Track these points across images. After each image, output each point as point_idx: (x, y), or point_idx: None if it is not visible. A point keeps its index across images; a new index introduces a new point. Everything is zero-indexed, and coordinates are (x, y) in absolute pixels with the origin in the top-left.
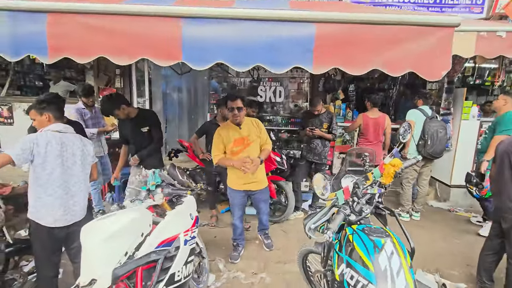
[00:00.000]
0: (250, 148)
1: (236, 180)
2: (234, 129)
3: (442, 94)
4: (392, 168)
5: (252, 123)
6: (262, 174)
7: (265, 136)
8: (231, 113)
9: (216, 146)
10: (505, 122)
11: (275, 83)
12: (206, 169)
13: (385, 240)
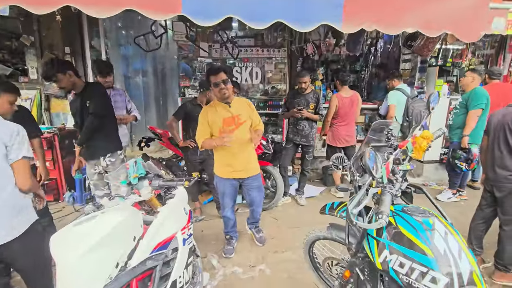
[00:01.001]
0: (242, 128)
1: (224, 167)
2: (223, 107)
3: (415, 73)
4: (424, 141)
5: (243, 102)
6: (254, 159)
7: (257, 118)
8: (216, 89)
9: (201, 129)
10: (477, 97)
11: (251, 63)
12: (188, 158)
13: (433, 220)
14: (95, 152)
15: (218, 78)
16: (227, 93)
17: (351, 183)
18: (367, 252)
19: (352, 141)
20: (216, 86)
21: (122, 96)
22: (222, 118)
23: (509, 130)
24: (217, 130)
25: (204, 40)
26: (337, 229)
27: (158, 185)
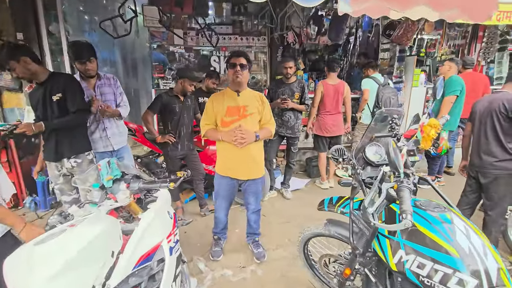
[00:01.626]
0: (246, 120)
1: (223, 163)
2: (230, 96)
3: (394, 63)
4: (433, 129)
5: (255, 95)
6: (259, 159)
7: (269, 115)
8: (231, 70)
9: (207, 115)
10: (452, 84)
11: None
12: (168, 154)
13: (450, 215)
14: (58, 152)
15: (237, 60)
16: (240, 77)
17: (351, 176)
18: (377, 252)
19: (339, 131)
20: (232, 67)
21: (111, 86)
22: (226, 106)
23: (497, 117)
24: (220, 120)
25: (179, 26)
26: (336, 226)
27: (138, 188)
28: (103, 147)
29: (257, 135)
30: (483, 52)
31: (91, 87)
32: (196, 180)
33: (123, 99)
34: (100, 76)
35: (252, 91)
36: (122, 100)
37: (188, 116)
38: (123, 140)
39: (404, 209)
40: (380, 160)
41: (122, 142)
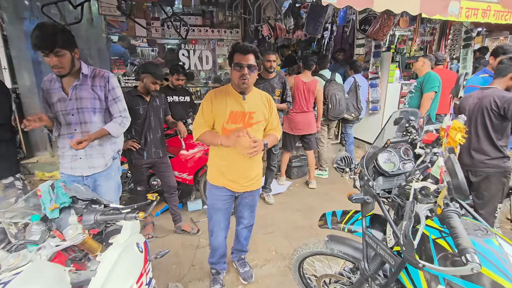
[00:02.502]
0: (252, 130)
1: (218, 172)
2: (234, 97)
3: (369, 58)
4: (459, 133)
5: (262, 98)
6: (259, 170)
7: (276, 120)
8: (237, 72)
9: (202, 116)
10: (431, 80)
11: (200, 46)
12: (132, 163)
13: (496, 239)
14: None
15: (244, 60)
16: (247, 83)
17: (360, 188)
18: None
19: (310, 129)
20: (238, 68)
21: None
22: (229, 110)
23: (488, 114)
24: (220, 126)
25: (141, 15)
26: (340, 243)
27: (95, 221)
28: (71, 168)
29: (265, 143)
30: (449, 49)
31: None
32: (166, 193)
33: (119, 108)
34: (80, 74)
35: (258, 91)
36: (118, 110)
37: (156, 118)
38: (102, 164)
39: (463, 245)
40: (395, 170)
41: (100, 166)
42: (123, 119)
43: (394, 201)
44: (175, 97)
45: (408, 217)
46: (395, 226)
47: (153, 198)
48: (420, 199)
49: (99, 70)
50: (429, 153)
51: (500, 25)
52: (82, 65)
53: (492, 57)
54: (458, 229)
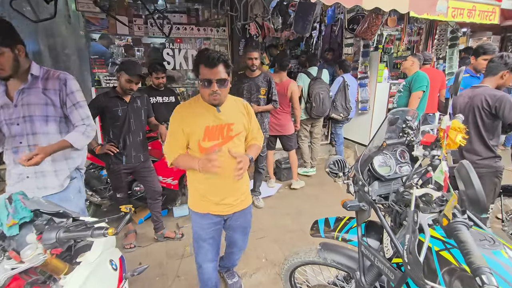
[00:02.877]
0: (232, 144)
1: (201, 198)
2: (207, 110)
3: (358, 58)
4: (459, 134)
5: (238, 106)
6: (246, 186)
7: (256, 126)
8: (206, 89)
9: (173, 138)
10: (419, 80)
11: (186, 45)
12: (110, 168)
13: (505, 250)
14: None
15: (212, 74)
16: (218, 99)
17: (354, 193)
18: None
19: (284, 131)
20: (206, 85)
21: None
22: (204, 126)
23: (479, 113)
24: (195, 145)
25: (122, 13)
26: (333, 252)
27: (57, 240)
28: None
29: (250, 158)
30: (435, 49)
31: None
32: (150, 200)
33: (80, 115)
34: (28, 76)
35: (232, 98)
36: (80, 118)
37: (136, 121)
38: (56, 184)
39: (477, 264)
40: (391, 174)
41: (53, 186)
42: (86, 127)
43: (391, 207)
44: (158, 97)
45: (412, 230)
46: (394, 236)
47: (126, 210)
48: (422, 208)
49: (54, 72)
50: (427, 155)
51: (484, 25)
52: (32, 65)
53: (473, 56)
54: (468, 244)
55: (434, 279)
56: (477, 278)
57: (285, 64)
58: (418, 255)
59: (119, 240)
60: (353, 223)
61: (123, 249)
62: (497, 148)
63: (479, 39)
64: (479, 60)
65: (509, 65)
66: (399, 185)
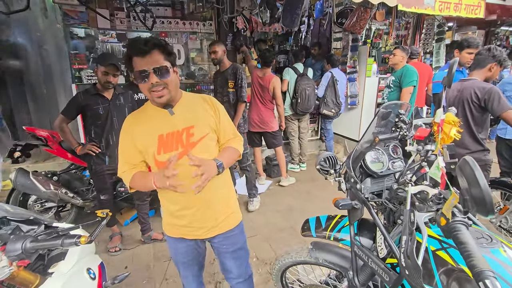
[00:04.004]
0: (195, 152)
1: (171, 220)
2: (158, 115)
3: (347, 52)
4: (454, 127)
5: (199, 102)
6: (227, 202)
7: (230, 125)
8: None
9: (124, 156)
10: (409, 75)
11: (171, 39)
12: (92, 169)
13: (503, 248)
14: None
15: (146, 63)
16: (164, 93)
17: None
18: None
19: (268, 128)
20: (141, 80)
21: None
22: (156, 136)
23: (469, 106)
24: (151, 160)
25: (103, 6)
26: (325, 251)
27: (23, 251)
28: None
29: (219, 163)
30: (422, 43)
31: None
32: (137, 201)
33: None
34: None
35: (192, 94)
36: None
37: (120, 119)
38: None
39: (479, 268)
40: (384, 170)
41: None
42: None
43: (384, 205)
44: (141, 94)
45: (409, 231)
46: (388, 235)
47: (102, 215)
48: (418, 207)
49: None
50: (421, 150)
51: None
52: None
53: (457, 50)
54: (469, 245)
55: (430, 280)
56: (480, 283)
57: (268, 61)
58: (416, 258)
59: (104, 243)
60: (345, 221)
61: (107, 253)
62: (486, 142)
63: (464, 33)
64: (463, 54)
65: (496, 57)
66: (392, 182)
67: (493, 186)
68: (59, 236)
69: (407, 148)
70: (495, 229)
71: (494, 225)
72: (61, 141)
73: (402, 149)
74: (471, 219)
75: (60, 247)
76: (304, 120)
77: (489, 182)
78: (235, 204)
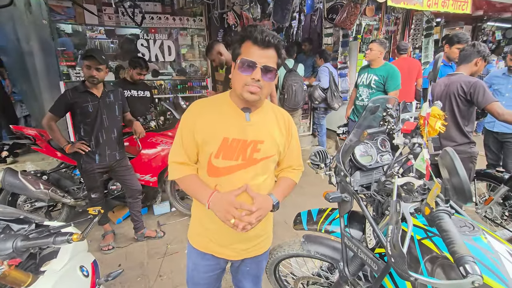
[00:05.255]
0: (253, 170)
1: (202, 233)
2: (232, 115)
3: (338, 48)
4: (438, 120)
5: (277, 117)
6: (266, 228)
7: (297, 153)
8: (244, 77)
9: (180, 143)
10: (395, 77)
11: (161, 35)
12: (82, 168)
13: (484, 236)
14: None
15: (261, 56)
16: (258, 93)
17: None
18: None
19: None
20: (247, 69)
21: None
22: (222, 136)
23: (455, 100)
24: (205, 159)
25: (90, 1)
26: (317, 244)
27: (14, 249)
28: None
29: (275, 202)
30: (412, 38)
31: None
32: (129, 199)
33: None
34: None
35: (272, 107)
36: None
37: (110, 117)
38: None
39: (460, 253)
40: (372, 163)
41: None
42: None
43: (373, 197)
44: (133, 91)
45: (395, 220)
46: (376, 226)
47: (94, 212)
48: (404, 197)
49: None
50: (408, 143)
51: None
52: None
53: (447, 45)
54: (451, 233)
55: (416, 268)
56: (460, 268)
57: None
58: (402, 246)
59: (97, 242)
60: (336, 214)
61: (100, 251)
62: (472, 135)
63: (452, 28)
64: (453, 49)
65: (481, 52)
66: (381, 175)
67: (479, 178)
68: (50, 234)
69: (394, 142)
70: (480, 219)
71: (479, 215)
72: (50, 139)
73: (390, 143)
74: (454, 208)
75: (52, 245)
76: (296, 115)
77: (475, 174)
78: (270, 227)
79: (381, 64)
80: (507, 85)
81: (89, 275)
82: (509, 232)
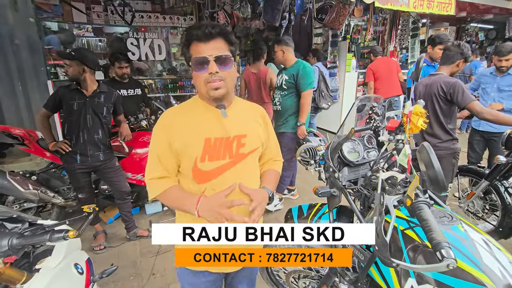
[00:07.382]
0: (245, 166)
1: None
2: (207, 114)
3: (327, 48)
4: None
5: (252, 110)
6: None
7: (275, 144)
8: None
9: (155, 158)
10: (308, 75)
11: (151, 34)
12: (68, 167)
13: (462, 225)
14: None
15: (209, 49)
16: (221, 85)
17: (326, 180)
18: (375, 279)
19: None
20: (199, 69)
21: None
22: (202, 139)
23: (437, 100)
24: (189, 166)
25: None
26: None
27: (10, 247)
28: None
29: (270, 193)
30: (399, 39)
31: None
32: (118, 200)
33: None
34: None
35: (242, 101)
36: None
37: (95, 117)
38: None
39: (437, 240)
40: (360, 159)
41: None
42: None
43: (360, 191)
44: (123, 90)
45: (379, 212)
46: (363, 218)
47: (89, 210)
48: (388, 190)
49: None
50: (392, 140)
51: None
52: None
53: (430, 46)
54: (430, 221)
55: (400, 256)
56: (437, 253)
57: (258, 53)
58: (385, 235)
59: (88, 242)
60: (325, 209)
61: (92, 251)
62: (455, 132)
63: (437, 29)
64: (436, 50)
65: (464, 54)
66: (367, 170)
67: (462, 173)
68: (46, 232)
69: (380, 138)
70: (463, 213)
71: (462, 209)
72: (39, 139)
73: (376, 139)
74: (436, 201)
75: (47, 243)
76: None
77: (458, 169)
78: None
79: (292, 62)
80: (493, 84)
81: (84, 273)
82: (490, 225)
